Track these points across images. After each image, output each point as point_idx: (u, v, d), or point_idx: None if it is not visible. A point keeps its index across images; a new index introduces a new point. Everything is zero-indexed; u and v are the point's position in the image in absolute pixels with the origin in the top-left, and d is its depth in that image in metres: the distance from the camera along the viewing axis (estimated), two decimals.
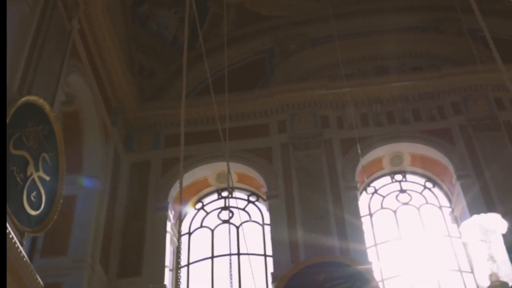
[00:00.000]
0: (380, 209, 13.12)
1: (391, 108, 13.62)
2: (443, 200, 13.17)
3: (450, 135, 13.12)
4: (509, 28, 15.00)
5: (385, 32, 15.16)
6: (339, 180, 12.54)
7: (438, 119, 13.42)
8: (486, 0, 15.17)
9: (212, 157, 12.98)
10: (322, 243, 11.58)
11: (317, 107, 13.59)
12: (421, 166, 13.46)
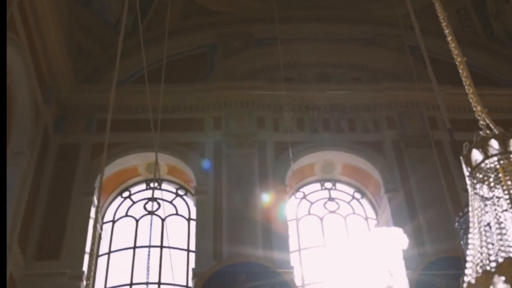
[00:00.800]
0: (307, 214, 13.17)
1: (328, 116, 13.70)
2: (369, 212, 13.31)
3: (382, 148, 13.28)
4: (449, 50, 15.26)
5: (329, 40, 15.24)
6: (269, 182, 12.53)
7: (372, 132, 13.58)
8: (429, 20, 15.52)
9: (142, 147, 12.75)
10: (246, 243, 11.55)
11: (254, 108, 13.56)
12: (351, 176, 13.58)
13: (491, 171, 4.02)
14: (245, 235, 11.67)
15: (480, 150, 4.11)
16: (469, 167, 4.17)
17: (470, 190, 4.10)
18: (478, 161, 4.12)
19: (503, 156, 3.97)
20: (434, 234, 11.53)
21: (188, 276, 11.87)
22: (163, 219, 12.62)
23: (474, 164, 4.13)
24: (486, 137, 4.16)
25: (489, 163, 4.05)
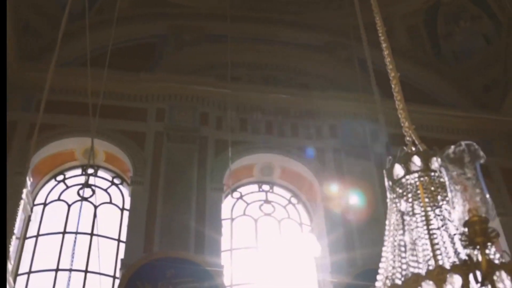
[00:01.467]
0: (242, 215, 13.16)
1: (271, 119, 13.70)
2: (304, 217, 13.37)
3: (323, 156, 13.33)
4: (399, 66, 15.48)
5: (280, 43, 15.25)
6: (207, 179, 12.47)
7: (314, 139, 13.63)
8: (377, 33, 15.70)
9: (80, 131, 12.51)
10: (178, 238, 11.46)
11: (199, 103, 13.48)
12: (289, 180, 13.61)
13: (411, 187, 4.07)
14: (177, 231, 11.57)
15: (402, 165, 4.16)
16: (390, 181, 4.22)
17: (389, 203, 4.14)
18: (399, 176, 4.17)
19: (424, 174, 4.02)
20: (366, 244, 11.61)
21: (116, 267, 11.71)
22: (96, 206, 12.43)
23: (395, 178, 4.18)
24: (410, 153, 4.21)
25: (409, 178, 4.11)
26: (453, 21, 15.70)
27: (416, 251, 3.66)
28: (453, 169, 3.16)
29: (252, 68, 14.84)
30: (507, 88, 14.69)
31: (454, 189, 3.14)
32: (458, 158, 3.16)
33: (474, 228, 3.01)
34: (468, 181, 3.12)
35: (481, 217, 3.03)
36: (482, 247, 3.00)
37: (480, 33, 15.64)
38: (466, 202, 3.08)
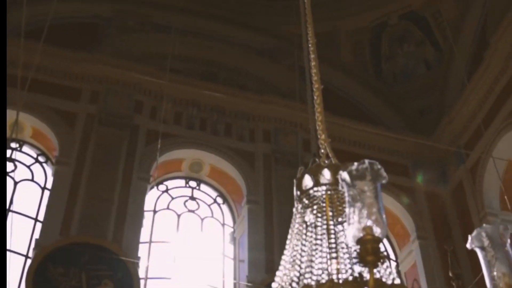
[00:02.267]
0: (165, 208, 13.05)
1: (206, 116, 13.64)
2: (228, 218, 13.34)
3: (253, 159, 13.36)
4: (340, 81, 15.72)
5: (224, 42, 15.23)
6: (134, 168, 12.30)
7: (247, 141, 13.64)
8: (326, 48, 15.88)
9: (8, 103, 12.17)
10: (97, 224, 11.26)
11: (135, 91, 13.30)
12: (217, 179, 13.57)
13: (318, 199, 4.08)
14: (98, 216, 11.36)
15: (312, 176, 4.17)
16: (298, 190, 4.22)
17: (295, 213, 4.14)
18: (307, 187, 4.18)
19: (332, 187, 4.03)
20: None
21: (30, 246, 11.43)
22: (16, 182, 12.12)
23: (303, 189, 4.19)
24: (321, 166, 4.23)
25: (317, 191, 4.11)
26: (397, 44, 15.98)
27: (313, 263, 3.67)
28: (353, 185, 3.17)
29: (193, 63, 14.75)
30: (441, 115, 15.01)
31: (353, 206, 3.15)
32: (360, 175, 3.17)
33: (366, 247, 3.02)
34: (366, 199, 3.13)
35: (374, 236, 3.04)
36: (372, 266, 3.01)
37: (422, 58, 15.97)
38: (362, 220, 3.09)
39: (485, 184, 13.55)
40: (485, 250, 3.57)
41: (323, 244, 3.74)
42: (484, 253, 3.59)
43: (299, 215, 4.05)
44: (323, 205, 3.94)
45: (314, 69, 4.85)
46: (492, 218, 13.24)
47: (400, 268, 14.08)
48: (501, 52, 13.30)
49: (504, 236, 3.58)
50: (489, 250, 3.55)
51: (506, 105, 13.22)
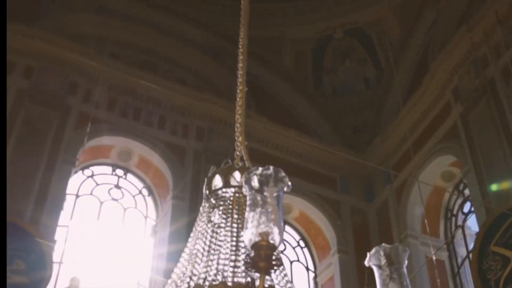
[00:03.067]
0: (89, 194, 12.83)
1: (141, 106, 13.46)
2: (151, 211, 13.20)
3: (184, 155, 13.27)
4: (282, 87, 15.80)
5: (169, 34, 15.08)
6: (60, 149, 12.00)
7: (179, 136, 13.54)
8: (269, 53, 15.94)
9: None
10: (16, 203, 10.93)
11: (71, 71, 12.94)
12: (145, 171, 13.42)
13: (225, 200, 4.05)
14: (17, 195, 11.05)
15: (222, 177, 4.14)
16: (208, 190, 4.19)
17: (201, 211, 4.10)
18: (217, 187, 4.15)
19: (241, 190, 4.01)
20: None
21: None
22: None
23: (213, 189, 4.16)
24: (232, 167, 4.21)
25: (226, 192, 4.09)
26: (340, 58, 16.16)
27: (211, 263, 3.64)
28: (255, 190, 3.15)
29: (134, 50, 14.55)
30: (374, 134, 15.24)
31: (253, 210, 3.13)
32: (263, 180, 3.15)
33: (260, 252, 3.00)
34: (267, 205, 3.12)
35: (269, 243, 3.02)
36: (263, 273, 2.99)
37: (362, 76, 16.19)
38: (260, 225, 3.07)
39: (409, 206, 13.80)
40: (382, 269, 3.61)
41: (224, 245, 3.72)
42: (380, 271, 3.62)
43: (205, 214, 4.02)
44: (230, 207, 3.93)
45: (241, 70, 4.82)
46: (413, 240, 13.50)
47: (317, 279, 14.21)
48: (439, 79, 13.58)
49: (402, 258, 3.62)
50: (385, 269, 3.58)
51: (437, 132, 13.50)
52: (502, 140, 11.76)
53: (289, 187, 3.23)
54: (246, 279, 3.40)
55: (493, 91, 12.38)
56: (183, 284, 3.51)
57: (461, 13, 13.85)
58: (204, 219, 4.00)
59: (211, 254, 3.68)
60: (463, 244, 13.32)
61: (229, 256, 3.61)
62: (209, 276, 3.53)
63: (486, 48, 12.79)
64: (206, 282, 3.48)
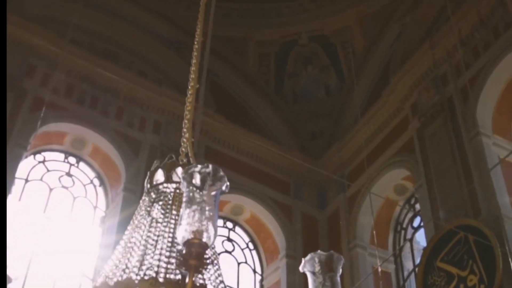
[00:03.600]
0: (38, 180, 12.62)
1: (99, 95, 13.27)
2: (101, 202, 13.04)
3: (139, 149, 13.13)
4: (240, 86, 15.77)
5: (133, 25, 14.90)
6: (13, 133, 11.77)
7: (136, 129, 13.40)
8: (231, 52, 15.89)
9: None
10: None
11: (31, 54, 12.67)
12: (98, 161, 13.24)
13: (166, 195, 4.00)
14: None
15: (164, 172, 4.10)
16: (149, 184, 4.14)
17: (141, 204, 4.05)
18: (158, 181, 4.10)
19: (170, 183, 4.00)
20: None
21: None
22: None
23: (154, 183, 4.11)
24: (176, 163, 4.17)
25: (167, 187, 4.04)
26: (303, 64, 16.21)
27: (145, 257, 3.59)
28: (192, 187, 3.11)
29: (96, 38, 14.32)
30: (331, 142, 15.31)
31: (188, 207, 3.09)
32: (201, 178, 3.11)
33: (191, 250, 2.97)
34: (203, 203, 3.08)
35: (201, 241, 2.99)
36: (192, 270, 2.96)
37: (323, 83, 16.26)
38: (194, 222, 3.03)
39: (360, 216, 13.88)
40: (316, 276, 3.60)
41: (160, 241, 3.68)
42: (314, 278, 3.62)
43: (144, 207, 3.96)
44: (169, 203, 3.88)
45: (194, 67, 4.78)
46: (361, 250, 13.59)
47: (264, 282, 14.21)
48: (399, 93, 13.70)
49: (336, 266, 3.62)
50: (318, 276, 3.57)
51: (393, 145, 13.61)
52: (455, 158, 11.89)
53: (227, 187, 3.21)
54: (178, 276, 3.36)
55: (450, 109, 12.53)
56: (114, 277, 3.45)
57: (426, 29, 14.01)
58: (142, 213, 3.95)
59: (146, 249, 3.63)
60: (410, 258, 13.43)
61: (163, 252, 3.56)
62: (141, 270, 3.47)
63: (447, 66, 12.95)
64: (138, 276, 3.43)
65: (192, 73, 4.67)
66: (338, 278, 3.60)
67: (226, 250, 14.20)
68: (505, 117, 12.22)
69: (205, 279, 3.43)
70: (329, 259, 3.58)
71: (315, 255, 3.59)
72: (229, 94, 15.61)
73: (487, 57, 12.25)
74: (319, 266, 3.57)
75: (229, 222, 14.53)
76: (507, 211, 10.83)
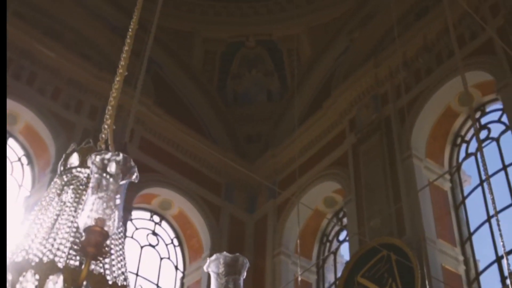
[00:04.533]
0: None
1: (37, 72, 12.96)
2: (27, 181, 12.74)
3: (73, 130, 12.87)
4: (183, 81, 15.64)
5: (81, 5, 14.54)
6: None
7: (72, 111, 13.16)
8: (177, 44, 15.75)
9: None
10: None
11: None
12: (29, 139, 12.91)
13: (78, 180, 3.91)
14: None
15: (79, 156, 4.01)
16: (62, 166, 4.03)
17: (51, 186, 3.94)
18: (72, 165, 4.00)
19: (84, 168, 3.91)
20: None
21: None
22: None
23: (68, 166, 4.01)
24: (92, 149, 4.08)
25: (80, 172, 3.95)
26: (247, 66, 16.20)
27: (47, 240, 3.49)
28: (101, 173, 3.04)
29: (41, 14, 13.93)
30: (267, 147, 15.31)
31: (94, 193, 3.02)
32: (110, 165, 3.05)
33: (90, 237, 2.90)
34: (109, 191, 3.02)
35: (103, 229, 2.92)
36: (89, 258, 2.89)
37: (266, 88, 16.27)
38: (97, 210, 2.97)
39: (287, 225, 13.91)
40: (219, 277, 3.57)
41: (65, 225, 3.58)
42: (217, 279, 3.59)
43: (55, 189, 3.86)
44: (81, 188, 3.79)
45: (125, 54, 4.70)
46: (285, 258, 13.63)
47: (185, 280, 14.10)
48: (339, 107, 13.81)
49: (240, 269, 3.59)
50: (222, 278, 3.54)
51: (327, 157, 13.71)
52: (387, 177, 12.06)
53: (137, 178, 3.15)
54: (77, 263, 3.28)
55: (387, 128, 12.70)
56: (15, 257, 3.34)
57: (372, 47, 14.17)
58: (52, 195, 3.84)
59: (51, 232, 3.53)
60: (333, 270, 13.54)
61: (66, 236, 3.47)
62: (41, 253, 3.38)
63: (388, 86, 13.13)
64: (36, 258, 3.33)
65: (123, 60, 4.58)
66: (241, 281, 3.58)
67: (150, 244, 14.05)
68: (439, 142, 12.46)
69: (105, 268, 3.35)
70: (234, 262, 3.55)
71: (220, 256, 3.56)
72: (170, 88, 15.44)
73: (428, 82, 12.47)
74: (223, 268, 3.54)
75: (156, 216, 14.38)
76: (430, 234, 11.03)
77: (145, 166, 13.13)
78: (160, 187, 13.85)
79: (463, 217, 11.70)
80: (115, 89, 4.46)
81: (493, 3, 11.85)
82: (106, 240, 2.93)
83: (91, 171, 3.05)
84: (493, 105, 12.18)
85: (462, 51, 11.65)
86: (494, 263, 10.73)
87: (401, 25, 13.16)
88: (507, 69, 10.99)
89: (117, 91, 4.43)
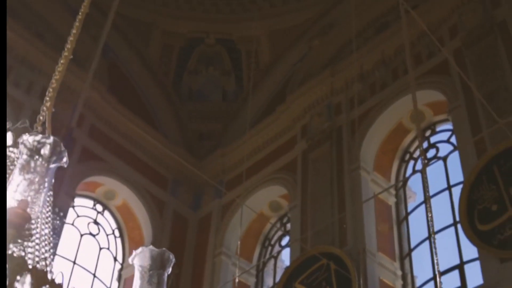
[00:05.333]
0: None
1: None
2: None
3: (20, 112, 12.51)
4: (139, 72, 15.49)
5: None
6: None
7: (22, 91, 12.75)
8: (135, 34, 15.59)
9: None
10: None
11: None
12: None
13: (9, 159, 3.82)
14: None
15: (13, 136, 3.92)
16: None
17: None
18: None
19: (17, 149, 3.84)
20: None
21: None
22: None
23: None
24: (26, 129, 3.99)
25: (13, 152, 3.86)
26: (205, 63, 16.13)
27: None
28: (30, 154, 2.97)
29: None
30: (216, 146, 15.25)
31: (21, 174, 2.95)
32: (39, 148, 2.99)
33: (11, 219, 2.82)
34: (36, 174, 2.95)
35: (25, 212, 2.85)
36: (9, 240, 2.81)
37: (221, 87, 16.22)
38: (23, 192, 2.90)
39: (231, 225, 13.87)
40: (144, 271, 3.52)
41: None
42: (142, 272, 3.54)
43: None
44: (11, 168, 3.70)
45: (73, 37, 4.62)
46: (225, 259, 13.59)
47: (122, 272, 13.94)
48: (292, 112, 13.83)
49: (166, 264, 3.55)
50: (146, 272, 3.50)
51: (276, 162, 13.72)
52: (333, 186, 12.10)
53: (66, 163, 3.09)
54: None
55: (338, 138, 12.75)
56: None
57: (330, 56, 14.22)
58: None
59: None
60: (272, 275, 13.53)
61: None
62: None
63: (343, 97, 13.19)
64: None
65: (69, 43, 4.49)
66: (165, 276, 3.54)
67: (91, 232, 13.85)
68: (388, 157, 12.56)
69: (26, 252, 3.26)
70: (160, 256, 3.51)
71: (146, 250, 3.52)
72: (125, 77, 15.25)
73: (382, 96, 12.57)
74: (149, 261, 3.50)
75: (99, 205, 14.18)
76: (371, 246, 11.10)
77: (92, 153, 12.95)
78: (106, 176, 13.67)
79: (405, 233, 11.78)
80: (58, 72, 4.36)
81: (452, 25, 11.99)
82: (27, 222, 2.85)
83: (20, 151, 2.98)
84: (444, 125, 12.31)
85: (418, 69, 11.78)
86: (431, 281, 10.82)
87: (360, 38, 13.25)
88: (460, 91, 11.10)
89: (60, 74, 4.34)
